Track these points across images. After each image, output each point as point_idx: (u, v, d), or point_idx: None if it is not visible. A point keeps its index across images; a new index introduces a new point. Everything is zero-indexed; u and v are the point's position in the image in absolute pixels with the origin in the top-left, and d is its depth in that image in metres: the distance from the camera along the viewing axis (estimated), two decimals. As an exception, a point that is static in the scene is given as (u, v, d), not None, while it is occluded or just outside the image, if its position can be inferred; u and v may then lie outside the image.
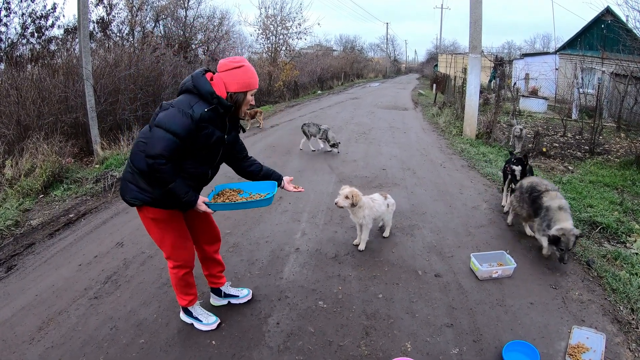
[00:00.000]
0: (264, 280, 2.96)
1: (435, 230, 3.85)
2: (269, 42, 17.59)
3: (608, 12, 13.77)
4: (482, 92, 11.20)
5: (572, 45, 15.91)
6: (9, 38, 9.41)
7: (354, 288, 2.88)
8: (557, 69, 13.79)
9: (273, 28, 17.34)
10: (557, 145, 7.83)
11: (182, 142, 1.92)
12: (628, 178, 5.50)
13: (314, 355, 2.23)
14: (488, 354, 2.25)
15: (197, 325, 2.42)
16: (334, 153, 6.89)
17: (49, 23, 10.19)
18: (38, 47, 9.67)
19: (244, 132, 2.41)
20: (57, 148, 5.57)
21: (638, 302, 2.70)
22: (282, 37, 17.64)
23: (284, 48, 17.99)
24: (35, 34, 9.95)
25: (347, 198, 3.18)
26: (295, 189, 2.44)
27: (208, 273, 2.57)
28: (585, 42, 14.74)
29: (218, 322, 2.44)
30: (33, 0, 9.73)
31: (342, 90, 21.96)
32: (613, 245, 3.60)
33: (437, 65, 31.31)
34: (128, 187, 2.06)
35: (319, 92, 20.42)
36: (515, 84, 11.56)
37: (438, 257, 3.35)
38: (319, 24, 41.09)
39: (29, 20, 9.78)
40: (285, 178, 2.46)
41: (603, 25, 14.32)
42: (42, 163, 5.17)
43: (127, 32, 12.95)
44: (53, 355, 2.20)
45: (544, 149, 7.20)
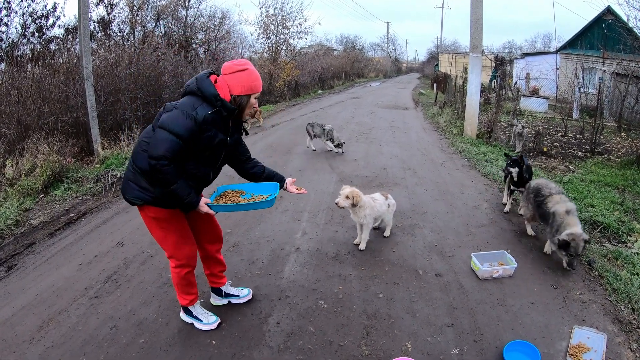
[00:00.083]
0: (265, 280, 2.96)
1: (436, 230, 3.85)
2: (270, 41, 17.64)
3: (609, 11, 13.76)
4: (482, 91, 11.20)
5: (573, 45, 15.89)
6: (10, 38, 9.41)
7: (355, 288, 2.87)
8: (558, 69, 13.77)
9: (274, 27, 17.37)
10: (558, 145, 7.81)
11: (185, 143, 1.92)
12: (629, 178, 5.49)
13: (315, 355, 2.23)
14: (489, 354, 2.25)
15: (197, 325, 2.41)
16: (339, 153, 6.78)
17: (50, 23, 10.20)
18: (39, 46, 9.68)
19: (247, 134, 2.41)
20: (57, 148, 5.57)
21: (639, 302, 2.70)
22: (282, 36, 17.69)
23: (285, 47, 18.03)
24: (36, 34, 9.95)
25: (347, 198, 3.17)
26: (298, 191, 2.43)
27: (209, 272, 2.57)
28: (586, 41, 14.73)
29: (218, 321, 2.44)
30: (33, 0, 9.74)
31: (342, 90, 21.95)
32: (614, 245, 3.59)
33: (437, 65, 31.30)
34: (129, 186, 2.07)
35: (320, 91, 20.41)
36: (516, 84, 11.57)
37: (439, 256, 3.35)
38: (320, 24, 41.34)
39: (30, 20, 9.78)
40: (288, 180, 2.45)
41: (604, 25, 14.32)
42: (42, 163, 5.17)
43: (127, 31, 12.96)
44: (53, 355, 2.20)
45: (545, 149, 7.19)
